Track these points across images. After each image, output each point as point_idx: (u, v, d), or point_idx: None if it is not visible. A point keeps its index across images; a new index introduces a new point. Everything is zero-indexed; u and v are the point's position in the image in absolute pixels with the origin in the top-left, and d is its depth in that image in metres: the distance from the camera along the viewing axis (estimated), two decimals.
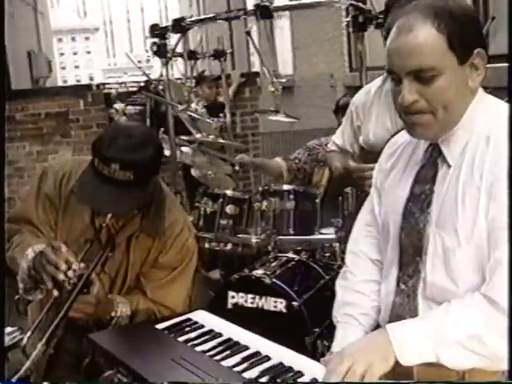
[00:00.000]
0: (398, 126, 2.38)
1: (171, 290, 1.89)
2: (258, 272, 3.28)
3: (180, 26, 3.09)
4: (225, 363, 1.32)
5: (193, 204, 4.09)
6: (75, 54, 67.13)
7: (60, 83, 36.24)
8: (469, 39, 1.29)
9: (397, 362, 1.24)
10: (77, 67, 66.97)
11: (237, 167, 4.18)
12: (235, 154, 4.18)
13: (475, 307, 1.24)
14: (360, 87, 2.78)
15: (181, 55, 3.42)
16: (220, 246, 3.66)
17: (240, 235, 3.53)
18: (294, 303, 3.07)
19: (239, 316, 3.16)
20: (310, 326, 3.02)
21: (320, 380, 1.20)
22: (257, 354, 1.38)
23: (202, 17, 3.17)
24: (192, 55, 3.73)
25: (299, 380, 1.25)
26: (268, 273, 3.25)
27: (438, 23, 1.28)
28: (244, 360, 1.34)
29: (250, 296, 3.19)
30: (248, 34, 3.17)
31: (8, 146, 5.81)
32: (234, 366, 1.31)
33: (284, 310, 3.10)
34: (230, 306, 3.24)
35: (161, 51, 3.23)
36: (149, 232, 1.87)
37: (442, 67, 1.28)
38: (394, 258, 1.48)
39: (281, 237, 3.36)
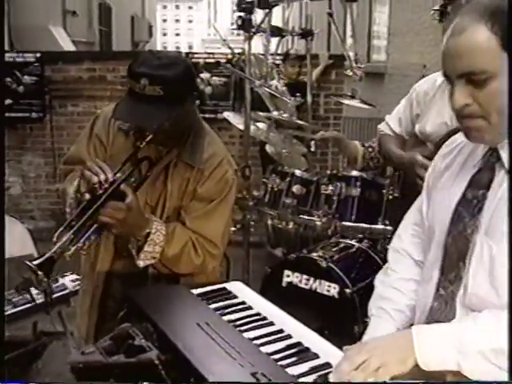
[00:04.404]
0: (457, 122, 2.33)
1: (209, 221, 1.91)
2: (316, 254, 3.29)
3: (266, 1, 3.10)
4: (246, 335, 1.35)
5: None
6: (177, 21, 68.46)
7: (160, 49, 37.13)
8: (507, 32, 1.18)
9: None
10: (177, 35, 68.29)
11: (312, 148, 4.15)
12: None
13: (503, 320, 1.20)
14: None
15: (265, 31, 3.42)
16: (282, 224, 3.69)
17: (302, 216, 3.54)
18: (347, 290, 3.06)
19: (292, 295, 3.22)
20: (361, 316, 3.01)
21: (334, 365, 1.21)
22: (280, 331, 1.39)
23: None
24: (277, 32, 3.73)
25: (313, 362, 1.26)
26: (326, 256, 3.25)
27: (492, 24, 1.19)
28: (265, 335, 1.37)
29: (304, 277, 3.21)
30: (330, 15, 3.13)
31: (98, 105, 6.05)
32: (255, 338, 1.34)
33: (336, 296, 3.10)
34: (284, 284, 3.28)
35: (245, 25, 3.25)
36: (186, 160, 1.92)
37: (496, 70, 1.20)
38: (435, 261, 1.44)
39: (342, 222, 3.34)
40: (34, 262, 1.56)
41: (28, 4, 8.77)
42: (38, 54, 5.95)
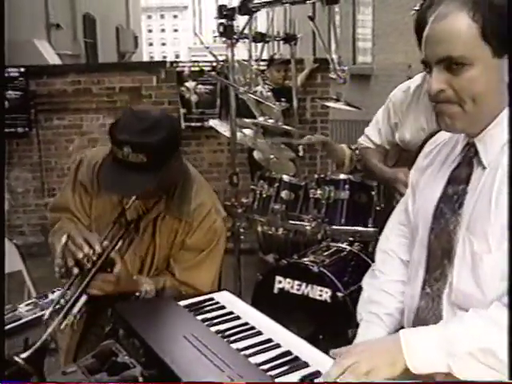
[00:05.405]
0: (434, 126, 2.33)
1: (199, 272, 1.90)
2: (307, 259, 3.27)
3: (247, 7, 3.09)
4: (234, 345, 1.33)
5: None
6: (163, 31, 68.69)
7: (146, 59, 37.13)
8: (507, 32, 1.19)
9: None
10: (163, 44, 68.49)
11: (301, 153, 4.14)
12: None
13: (491, 318, 1.18)
14: None
15: (247, 37, 3.41)
16: (272, 230, 3.67)
17: (292, 221, 3.52)
18: (339, 294, 3.04)
19: (284, 301, 3.20)
20: (355, 319, 2.98)
21: (323, 373, 1.19)
22: (268, 340, 1.37)
23: None
24: (260, 37, 3.72)
25: (303, 371, 1.24)
26: (317, 261, 3.23)
27: (474, 12, 1.21)
28: (254, 345, 1.35)
29: (296, 282, 3.19)
30: (311, 19, 3.13)
31: (83, 117, 6.04)
32: (243, 349, 1.32)
33: (329, 300, 3.08)
34: (276, 290, 3.25)
35: (227, 32, 3.23)
36: (174, 213, 1.90)
37: (473, 58, 1.22)
38: (420, 260, 1.43)
39: (332, 226, 3.32)
40: (22, 356, 1.42)
41: (11, 18, 8.72)
42: (22, 69, 5.91)
